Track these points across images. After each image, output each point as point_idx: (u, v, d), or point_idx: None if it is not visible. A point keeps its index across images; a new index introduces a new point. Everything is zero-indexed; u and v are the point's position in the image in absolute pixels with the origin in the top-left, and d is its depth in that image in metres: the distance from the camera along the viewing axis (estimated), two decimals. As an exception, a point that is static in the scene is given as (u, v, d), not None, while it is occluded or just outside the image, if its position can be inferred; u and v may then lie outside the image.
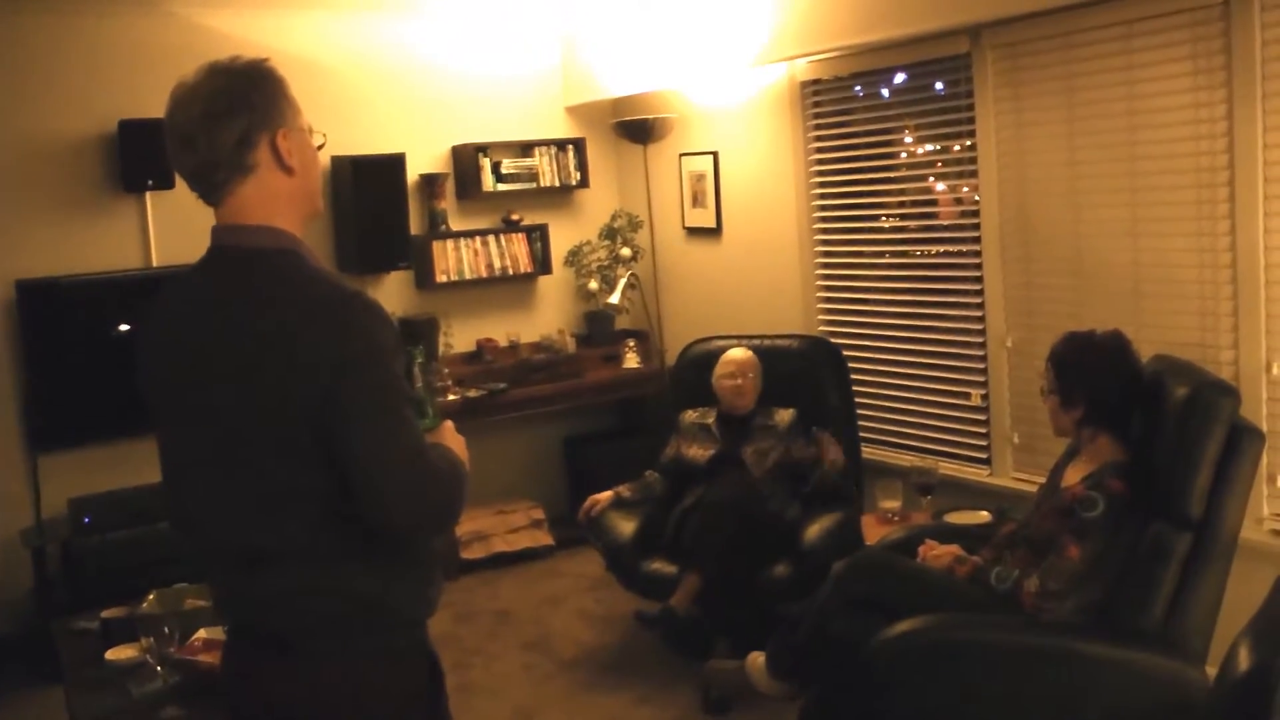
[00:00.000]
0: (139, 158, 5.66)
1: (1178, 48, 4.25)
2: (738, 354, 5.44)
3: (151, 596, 3.84)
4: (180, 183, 2.14)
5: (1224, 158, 4.14)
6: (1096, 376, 3.64)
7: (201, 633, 3.49)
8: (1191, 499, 3.37)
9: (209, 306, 2.07)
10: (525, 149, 6.97)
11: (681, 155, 6.82)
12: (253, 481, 2.02)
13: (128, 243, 5.93)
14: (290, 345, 1.96)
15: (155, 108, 2.28)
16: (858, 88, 5.75)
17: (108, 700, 3.41)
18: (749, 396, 5.34)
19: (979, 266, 5.17)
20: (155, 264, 5.93)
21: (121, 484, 5.54)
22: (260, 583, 2.06)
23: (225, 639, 2.27)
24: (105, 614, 3.89)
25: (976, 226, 5.16)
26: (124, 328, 5.68)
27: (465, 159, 6.81)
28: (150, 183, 5.74)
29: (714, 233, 6.72)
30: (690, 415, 5.47)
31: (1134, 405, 3.65)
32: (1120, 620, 3.43)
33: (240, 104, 2.04)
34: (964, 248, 5.29)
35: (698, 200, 6.77)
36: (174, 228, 5.89)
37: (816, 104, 5.96)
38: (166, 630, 3.42)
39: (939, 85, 5.29)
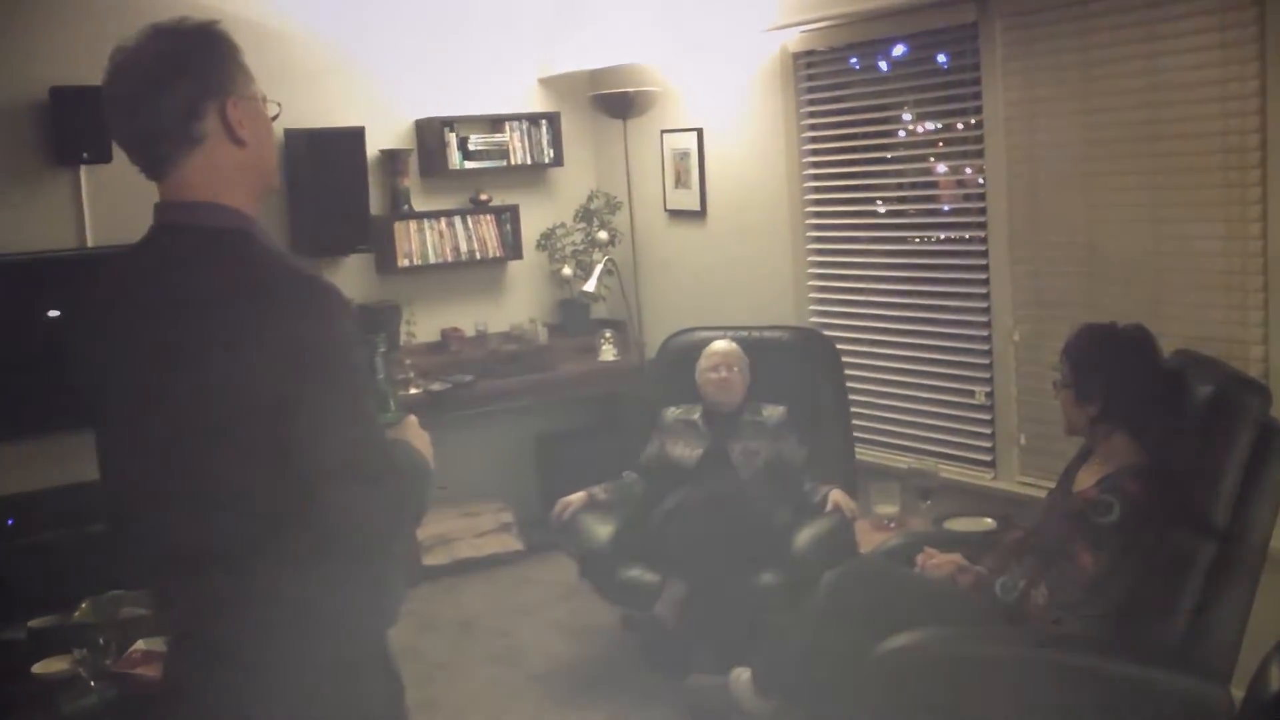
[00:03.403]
0: (73, 128, 5.58)
1: (1205, 16, 4.22)
2: (722, 345, 5.43)
3: (84, 604, 3.82)
4: (119, 155, 2.12)
5: (1255, 137, 4.10)
6: (1115, 371, 3.64)
7: (140, 644, 3.48)
8: (1217, 505, 3.36)
9: (151, 291, 2.05)
10: (495, 124, 6.93)
11: (664, 132, 6.80)
12: (198, 479, 2.00)
13: (60, 220, 5.86)
14: (241, 333, 1.94)
15: (92, 73, 2.26)
16: (854, 60, 5.73)
17: (35, 718, 3.38)
18: (736, 392, 5.32)
19: (984, 254, 5.16)
20: (91, 244, 5.87)
21: (51, 482, 5.45)
22: (205, 588, 2.04)
23: (166, 649, 2.24)
24: (32, 623, 3.86)
25: (982, 211, 5.15)
26: (55, 313, 5.61)
27: (430, 134, 6.77)
28: (86, 155, 5.67)
29: (698, 215, 6.70)
30: (674, 411, 5.45)
31: (1154, 403, 3.65)
32: (1137, 635, 3.43)
33: (186, 69, 2.03)
34: (968, 234, 5.29)
35: (681, 180, 6.76)
36: (112, 204, 5.81)
37: (810, 77, 5.94)
38: (101, 641, 3.41)
39: (942, 58, 5.28)
